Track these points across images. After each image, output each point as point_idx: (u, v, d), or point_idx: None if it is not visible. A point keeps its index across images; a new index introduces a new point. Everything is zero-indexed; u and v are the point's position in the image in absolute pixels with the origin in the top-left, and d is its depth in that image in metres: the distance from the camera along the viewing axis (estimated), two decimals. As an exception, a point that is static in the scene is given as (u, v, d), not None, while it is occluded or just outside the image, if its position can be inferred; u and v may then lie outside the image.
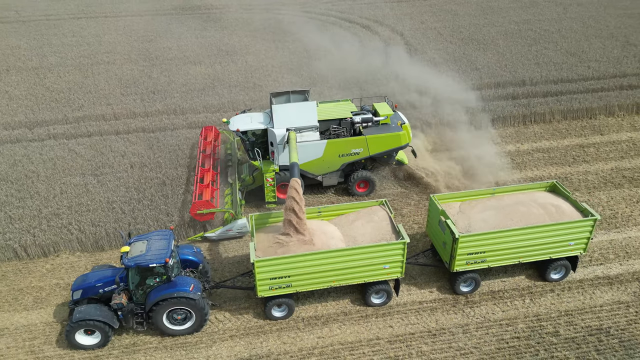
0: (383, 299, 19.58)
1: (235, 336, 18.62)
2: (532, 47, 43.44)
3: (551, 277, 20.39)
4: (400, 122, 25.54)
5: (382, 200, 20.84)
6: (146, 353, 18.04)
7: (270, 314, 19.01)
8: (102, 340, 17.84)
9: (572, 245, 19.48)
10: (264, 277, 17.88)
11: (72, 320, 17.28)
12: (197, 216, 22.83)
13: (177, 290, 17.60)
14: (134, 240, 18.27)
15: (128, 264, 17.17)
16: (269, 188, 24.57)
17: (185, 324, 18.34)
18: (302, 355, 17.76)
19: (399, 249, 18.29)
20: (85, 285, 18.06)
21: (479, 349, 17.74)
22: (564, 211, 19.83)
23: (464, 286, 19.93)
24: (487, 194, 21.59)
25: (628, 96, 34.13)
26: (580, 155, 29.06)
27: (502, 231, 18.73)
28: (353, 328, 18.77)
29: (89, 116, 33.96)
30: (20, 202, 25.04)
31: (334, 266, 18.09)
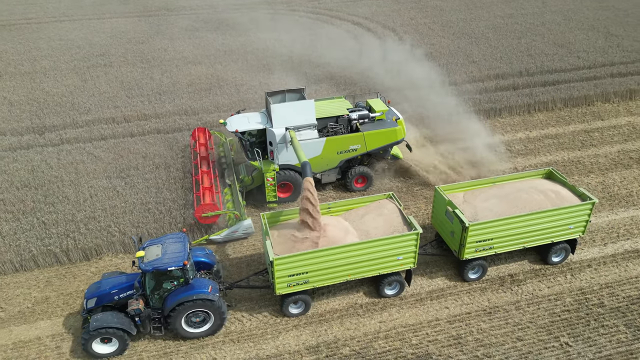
0: (396, 290, 20.02)
1: (299, 325, 19.04)
2: (522, 40, 45.20)
3: (552, 260, 21.22)
4: (395, 118, 26.05)
5: (390, 194, 21.30)
6: (214, 347, 18.25)
7: (288, 311, 19.16)
8: (120, 348, 17.58)
9: (572, 228, 20.34)
10: (283, 275, 18.00)
11: (89, 329, 16.95)
12: (202, 219, 22.68)
13: (195, 293, 17.51)
14: (148, 245, 18.04)
15: (145, 269, 16.97)
16: (269, 188, 24.61)
17: (203, 326, 18.28)
18: (368, 340, 18.35)
19: (413, 240, 18.79)
20: (99, 292, 17.80)
21: (534, 323, 18.75)
22: (563, 196, 20.70)
23: (472, 273, 20.56)
24: (488, 183, 22.22)
25: (621, 83, 36.08)
26: (587, 140, 30.66)
27: (508, 218, 19.36)
28: (411, 311, 19.48)
29: (98, 119, 33.50)
30: (51, 207, 24.65)
31: (350, 260, 18.38)
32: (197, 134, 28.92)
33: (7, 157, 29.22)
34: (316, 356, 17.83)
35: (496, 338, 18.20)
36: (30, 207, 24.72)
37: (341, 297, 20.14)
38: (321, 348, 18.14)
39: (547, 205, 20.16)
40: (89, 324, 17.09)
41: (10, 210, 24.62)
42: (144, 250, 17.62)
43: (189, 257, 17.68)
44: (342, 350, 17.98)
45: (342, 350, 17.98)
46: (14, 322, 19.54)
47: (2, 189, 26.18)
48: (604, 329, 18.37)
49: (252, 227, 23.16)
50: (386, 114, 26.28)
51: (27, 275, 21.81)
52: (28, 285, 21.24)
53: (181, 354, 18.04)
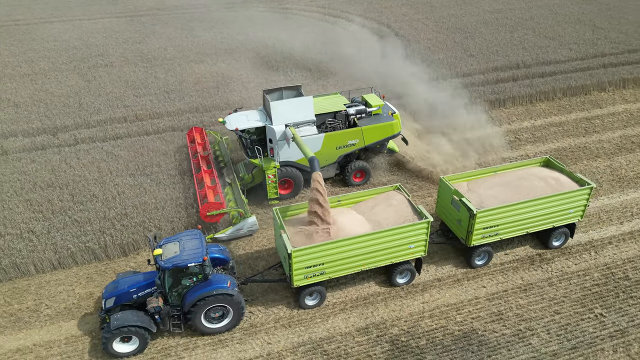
0: (407, 278, 20.56)
1: (346, 309, 19.73)
2: (514, 34, 46.71)
3: (553, 244, 22.09)
4: (391, 112, 26.48)
5: (397, 185, 21.84)
6: (267, 332, 18.80)
7: (304, 303, 19.49)
8: (140, 346, 17.64)
9: (572, 213, 21.22)
10: (300, 267, 18.31)
11: (110, 328, 16.94)
12: (207, 218, 22.63)
13: (215, 288, 17.63)
14: (164, 243, 18.09)
15: (165, 266, 17.02)
16: (271, 185, 24.79)
17: (222, 321, 18.45)
18: (414, 319, 19.17)
19: (424, 228, 19.38)
20: (118, 292, 17.85)
21: (567, 297, 19.86)
22: (562, 182, 21.54)
23: (478, 259, 21.30)
24: (490, 172, 22.95)
25: (613, 73, 37.80)
26: (590, 127, 32.16)
27: (513, 204, 20.05)
28: (450, 292, 20.38)
29: (110, 119, 33.45)
30: (80, 205, 24.70)
31: (365, 250, 18.84)
32: (193, 133, 28.99)
33: (24, 158, 29.04)
34: (367, 337, 18.55)
35: (535, 312, 19.24)
36: (59, 207, 24.71)
37: (378, 281, 20.90)
38: (370, 329, 18.87)
39: (548, 192, 20.91)
40: (109, 323, 17.12)
41: (39, 209, 24.59)
42: (161, 248, 17.71)
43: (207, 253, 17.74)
44: (392, 330, 18.75)
45: (392, 330, 18.75)
46: (62, 318, 19.69)
47: (27, 190, 26.07)
48: (633, 300, 19.61)
49: (257, 224, 23.44)
50: (382, 108, 26.64)
51: (66, 273, 21.92)
52: (70, 282, 21.36)
53: (236, 341, 18.52)
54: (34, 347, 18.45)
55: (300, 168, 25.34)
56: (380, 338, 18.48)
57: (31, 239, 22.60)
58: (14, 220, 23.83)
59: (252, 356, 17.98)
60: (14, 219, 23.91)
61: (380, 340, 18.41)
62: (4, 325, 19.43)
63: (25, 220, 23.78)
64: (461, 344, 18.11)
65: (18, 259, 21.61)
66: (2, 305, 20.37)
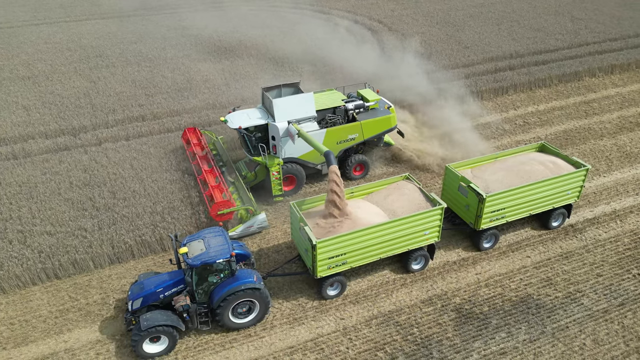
0: (421, 264, 21.35)
1: (406, 284, 20.92)
2: (501, 26, 49.04)
3: (552, 225, 23.30)
4: (387, 106, 27.15)
5: (406, 175, 22.55)
6: (338, 309, 19.76)
7: (326, 293, 19.94)
8: (170, 345, 17.70)
9: (570, 194, 22.51)
10: (324, 258, 18.73)
11: (140, 329, 16.98)
12: (217, 217, 22.62)
13: (243, 283, 17.84)
14: (188, 241, 18.21)
15: (193, 264, 17.08)
16: (275, 182, 25.03)
17: (249, 316, 18.66)
18: (473, 289, 20.56)
19: (438, 214, 20.17)
20: (145, 292, 17.83)
21: (605, 261, 21.69)
22: (560, 165, 22.69)
23: (486, 242, 22.23)
24: (490, 159, 23.88)
25: (601, 60, 40.44)
26: (589, 110, 34.49)
27: (519, 188, 21.06)
28: (499, 263, 21.88)
29: (128, 118, 33.50)
30: (124, 202, 24.90)
31: (384, 238, 19.44)
32: (188, 134, 28.87)
33: (51, 159, 28.86)
34: (433, 307, 19.80)
35: (580, 277, 20.96)
36: (102, 204, 24.85)
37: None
38: (434, 300, 20.13)
39: (548, 174, 21.99)
40: (139, 324, 17.18)
41: (82, 207, 24.67)
42: (186, 246, 17.85)
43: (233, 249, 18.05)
44: (454, 300, 20.07)
45: (454, 300, 20.07)
46: (134, 309, 20.01)
47: (64, 189, 26.02)
48: (663, 260, 21.65)
49: (267, 220, 23.77)
50: (378, 103, 27.21)
51: (125, 267, 22.24)
52: (131, 275, 21.68)
53: (310, 318, 19.42)
54: (114, 338, 18.79)
55: (302, 164, 25.76)
56: (445, 307, 19.76)
57: (84, 235, 22.74)
58: (60, 219, 23.85)
59: (330, 331, 18.93)
60: (60, 217, 23.94)
61: (445, 309, 19.69)
62: (76, 320, 19.64)
63: (72, 218, 23.85)
64: (520, 308, 19.59)
65: (77, 255, 21.75)
66: (68, 301, 20.54)
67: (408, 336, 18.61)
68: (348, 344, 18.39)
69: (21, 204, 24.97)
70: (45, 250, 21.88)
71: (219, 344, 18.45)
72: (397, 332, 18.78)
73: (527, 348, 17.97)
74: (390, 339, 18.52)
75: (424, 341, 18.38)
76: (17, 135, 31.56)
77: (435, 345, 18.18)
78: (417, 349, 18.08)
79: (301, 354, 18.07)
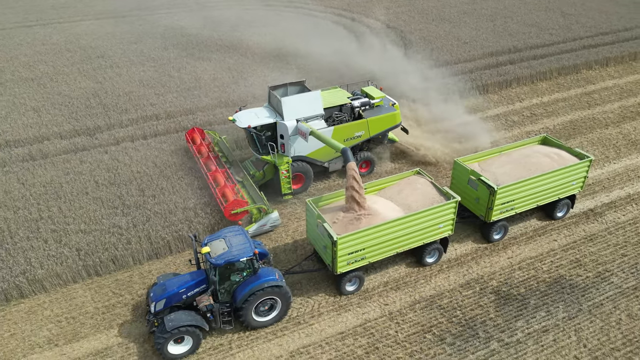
0: (435, 257, 21.67)
1: (442, 270, 21.65)
2: (496, 22, 50.33)
3: (557, 215, 23.99)
4: (391, 103, 27.53)
5: (417, 170, 22.90)
6: (381, 295, 20.37)
7: (344, 289, 20.15)
8: (194, 346, 17.63)
9: (574, 185, 23.14)
10: (344, 253, 18.88)
11: (165, 330, 16.90)
12: (231, 216, 22.63)
13: (265, 281, 17.90)
14: (209, 240, 18.19)
15: (217, 263, 17.09)
16: (284, 180, 25.03)
17: (271, 313, 18.74)
18: (508, 272, 21.40)
19: (452, 208, 20.53)
20: (168, 294, 17.73)
21: (628, 242, 22.79)
22: (564, 157, 23.24)
23: (496, 234, 22.66)
24: (496, 152, 24.38)
25: (596, 53, 41.95)
26: (592, 100, 35.83)
27: (528, 179, 21.57)
28: (529, 247, 22.77)
29: (142, 117, 33.51)
30: (154, 199, 25.00)
31: (401, 233, 19.71)
32: (193, 135, 28.92)
33: (71, 159, 28.78)
34: (472, 290, 20.56)
35: (606, 257, 21.99)
36: (133, 202, 24.94)
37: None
38: (472, 284, 20.90)
39: (554, 166, 22.52)
40: (163, 325, 17.08)
41: (113, 205, 24.73)
42: (207, 245, 17.83)
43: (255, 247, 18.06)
44: (491, 283, 20.87)
45: (491, 283, 20.87)
46: (180, 302, 20.25)
47: (91, 188, 26.02)
48: (680, 239, 22.85)
49: (279, 219, 23.87)
50: (383, 100, 27.62)
51: (163, 262, 22.45)
52: (170, 270, 21.88)
53: (355, 305, 19.98)
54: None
55: (310, 162, 25.94)
56: (483, 290, 20.54)
57: (120, 233, 22.84)
58: (92, 217, 23.88)
59: (376, 316, 19.51)
60: (92, 216, 23.96)
61: (484, 292, 20.47)
62: (124, 315, 19.80)
63: (105, 217, 23.91)
64: (555, 288, 20.50)
65: (116, 252, 21.87)
66: (112, 297, 20.68)
67: (452, 318, 19.31)
68: (396, 327, 19.01)
69: (50, 204, 24.90)
70: (84, 248, 21.94)
71: (270, 332, 18.86)
72: (441, 315, 19.47)
73: (567, 325, 18.85)
74: (436, 322, 19.21)
75: (469, 322, 19.11)
76: (31, 136, 31.30)
77: (480, 326, 18.92)
78: (463, 330, 18.80)
79: (352, 338, 18.61)
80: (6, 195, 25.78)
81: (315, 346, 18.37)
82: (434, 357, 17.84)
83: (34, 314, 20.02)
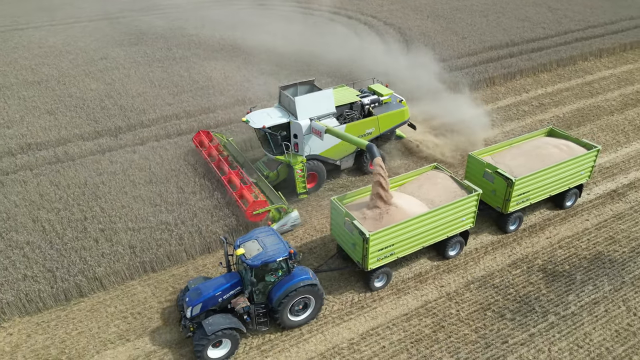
0: (457, 250, 22.12)
1: (488, 252, 22.68)
2: (489, 18, 52.00)
3: (566, 204, 24.73)
4: (399, 99, 28.01)
5: (434, 164, 23.22)
6: (435, 278, 21.24)
7: (374, 286, 20.38)
8: (232, 349, 17.56)
9: (582, 174, 23.81)
10: (375, 250, 19.06)
11: (205, 334, 16.74)
12: (252, 217, 22.67)
13: (301, 280, 17.92)
14: (241, 242, 18.13)
15: (254, 264, 17.09)
16: (299, 180, 25.14)
17: (305, 312, 18.77)
18: (549, 251, 22.59)
19: (475, 200, 20.99)
20: (204, 297, 17.56)
21: (650, 221, 24.37)
22: (572, 148, 23.85)
23: (511, 225, 23.27)
24: (506, 145, 24.89)
25: (590, 45, 43.97)
26: (594, 89, 37.64)
27: (543, 170, 22.09)
28: (563, 227, 24.02)
29: (162, 117, 33.49)
30: (196, 195, 25.23)
31: (428, 227, 20.05)
32: (200, 138, 28.86)
33: (101, 160, 28.68)
34: (520, 269, 21.64)
35: (637, 233, 23.44)
36: (174, 199, 25.04)
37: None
38: (518, 263, 21.98)
39: (563, 157, 23.06)
40: (203, 330, 16.92)
41: (155, 203, 24.81)
42: (241, 247, 17.79)
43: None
44: (536, 262, 22.00)
45: (536, 262, 22.00)
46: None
47: (129, 188, 26.01)
48: (701, 214, 24.51)
49: (299, 218, 23.91)
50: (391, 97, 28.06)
51: (216, 255, 22.72)
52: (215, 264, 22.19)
53: (412, 289, 20.78)
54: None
55: (323, 160, 26.13)
56: (530, 269, 21.64)
57: (170, 229, 22.99)
58: (137, 215, 23.92)
59: (435, 297, 20.37)
60: (137, 214, 23.99)
61: (531, 270, 21.58)
62: (189, 308, 20.04)
63: (151, 214, 23.97)
64: (596, 263, 21.77)
65: (171, 248, 22.07)
66: (173, 292, 20.86)
67: (507, 296, 20.33)
68: (456, 307, 19.90)
69: (90, 204, 24.84)
70: (138, 245, 22.06)
71: (337, 317, 19.48)
72: (496, 293, 20.46)
73: (615, 296, 20.11)
74: (493, 300, 20.18)
75: (523, 299, 20.16)
76: (52, 139, 30.95)
77: (534, 302, 19.99)
78: (520, 306, 19.83)
79: (417, 319, 19.40)
80: (42, 197, 25.56)
81: (383, 328, 19.08)
82: (498, 332, 18.80)
83: (97, 311, 20.08)
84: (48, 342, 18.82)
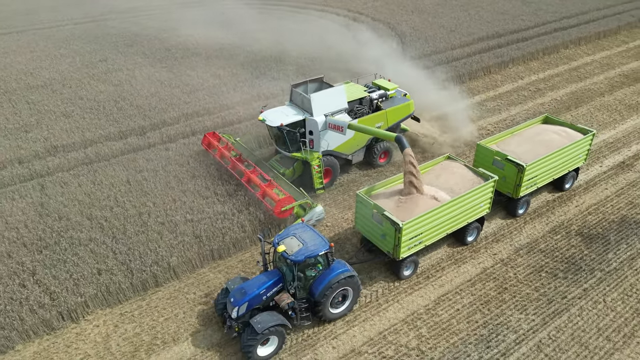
0: (474, 236, 22.94)
1: (526, 222, 24.64)
2: (470, 11, 54.74)
3: (566, 187, 26.07)
4: (403, 93, 28.98)
5: (448, 155, 24.05)
6: (486, 247, 23.03)
7: (403, 275, 20.99)
8: (279, 345, 17.76)
9: (580, 157, 25.09)
10: (407, 239, 19.58)
11: (255, 333, 16.86)
12: (280, 214, 22.98)
13: (341, 272, 18.30)
14: (280, 239, 18.36)
15: (297, 259, 17.34)
16: (316, 175, 25.66)
17: (343, 304, 19.16)
18: (581, 217, 24.79)
19: (491, 187, 21.84)
20: (249, 297, 17.72)
21: (665, 189, 27.08)
22: (570, 133, 25.01)
23: (520, 209, 24.40)
24: (508, 134, 25.90)
25: (569, 34, 47.25)
26: (582, 74, 40.70)
27: (550, 155, 23.23)
28: (587, 195, 26.32)
29: (184, 115, 33.85)
30: (240, 189, 25.89)
31: (452, 214, 20.75)
32: (209, 140, 28.89)
33: (136, 158, 28.94)
34: (559, 235, 23.75)
35: (657, 200, 26.11)
36: (223, 191, 25.72)
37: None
38: (557, 229, 24.11)
39: (563, 142, 24.16)
40: (252, 328, 17.02)
41: (206, 195, 25.37)
42: (280, 244, 18.03)
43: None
44: (572, 227, 24.18)
45: (572, 227, 24.18)
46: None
47: (175, 183, 26.46)
48: (703, 180, 27.44)
49: (324, 212, 24.26)
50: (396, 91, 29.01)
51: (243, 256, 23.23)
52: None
53: (469, 258, 22.48)
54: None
55: (336, 155, 26.78)
56: (568, 234, 23.79)
57: (229, 219, 23.59)
58: (191, 207, 24.46)
59: (492, 264, 22.16)
60: (190, 206, 24.49)
61: (569, 235, 23.73)
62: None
63: (206, 205, 24.55)
64: (624, 225, 24.17)
65: (236, 235, 22.86)
66: (245, 276, 21.66)
67: (555, 258, 22.36)
68: (513, 271, 21.74)
69: (141, 200, 25.21)
70: (203, 235, 22.71)
71: (408, 287, 20.90)
72: (544, 257, 22.45)
73: (648, 252, 22.55)
74: (543, 262, 22.15)
75: (570, 260, 22.23)
76: (78, 141, 30.89)
77: (580, 261, 22.09)
78: (569, 266, 21.88)
79: (480, 284, 21.10)
80: (88, 196, 25.70)
81: (452, 293, 20.67)
82: (556, 289, 20.75)
83: (176, 299, 20.68)
84: (137, 329, 19.32)
